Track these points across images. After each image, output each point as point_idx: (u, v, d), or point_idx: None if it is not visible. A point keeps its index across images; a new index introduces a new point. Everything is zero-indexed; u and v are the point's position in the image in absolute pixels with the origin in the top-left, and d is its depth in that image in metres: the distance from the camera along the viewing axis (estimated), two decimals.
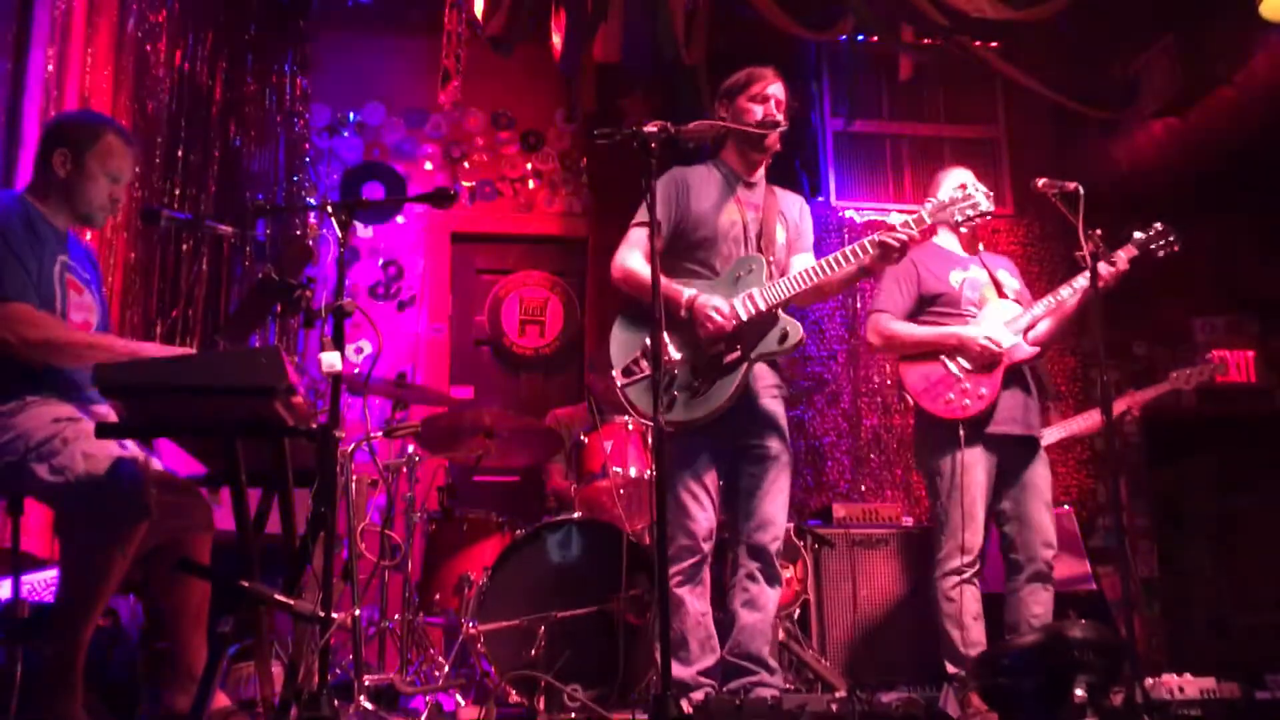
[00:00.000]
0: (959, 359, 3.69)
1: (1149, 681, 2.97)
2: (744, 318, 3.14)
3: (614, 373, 3.15)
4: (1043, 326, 3.77)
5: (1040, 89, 5.46)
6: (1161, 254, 3.68)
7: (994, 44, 5.55)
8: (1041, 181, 3.40)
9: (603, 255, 6.20)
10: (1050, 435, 4.57)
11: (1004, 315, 3.75)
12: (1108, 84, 5.57)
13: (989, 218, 3.40)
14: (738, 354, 3.14)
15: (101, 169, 2.86)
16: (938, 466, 3.67)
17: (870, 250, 3.16)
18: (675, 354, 3.15)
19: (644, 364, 3.14)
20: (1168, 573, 5.81)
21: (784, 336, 3.16)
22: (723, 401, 3.12)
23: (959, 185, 3.42)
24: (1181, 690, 3.08)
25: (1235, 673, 3.21)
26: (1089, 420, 4.77)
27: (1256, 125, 5.31)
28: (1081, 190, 3.32)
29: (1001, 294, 3.82)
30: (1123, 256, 3.61)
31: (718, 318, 3.11)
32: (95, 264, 3.03)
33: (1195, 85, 5.33)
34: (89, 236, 3.69)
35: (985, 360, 3.65)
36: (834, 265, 3.17)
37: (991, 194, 3.41)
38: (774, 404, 3.31)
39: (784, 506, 3.27)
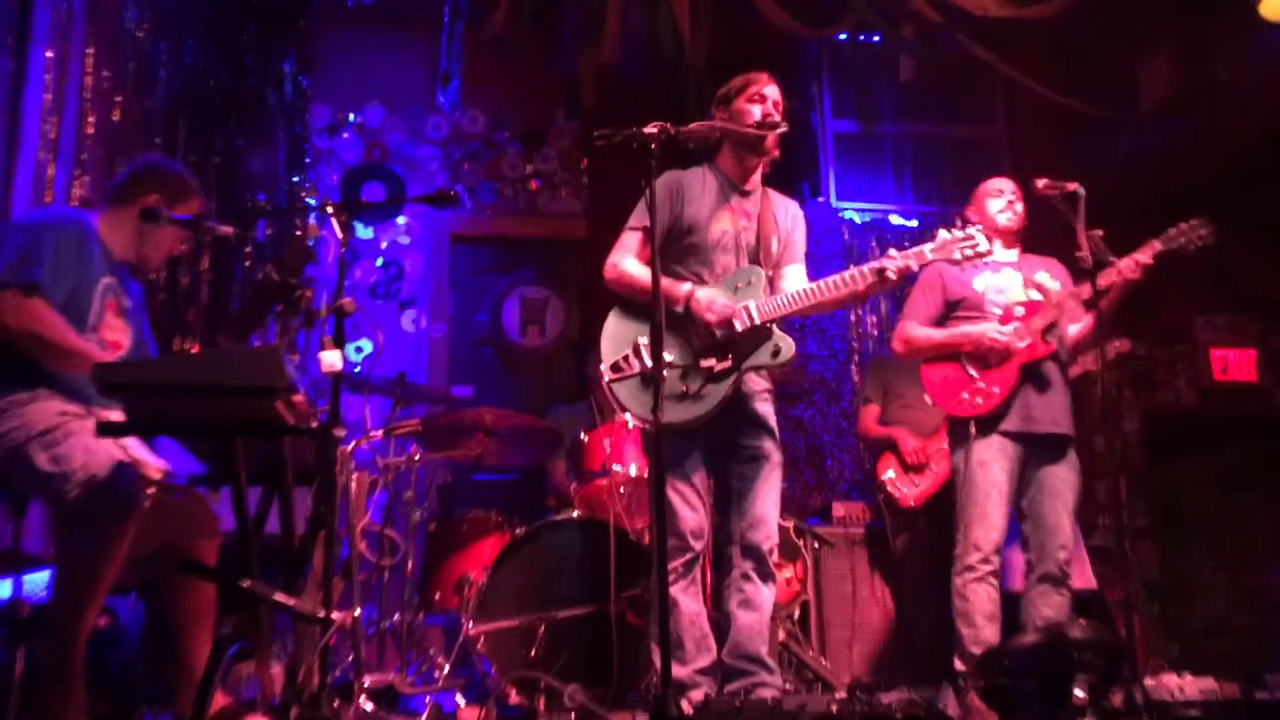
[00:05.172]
0: (973, 360, 3.69)
1: (1149, 681, 2.96)
2: (739, 329, 3.13)
3: (602, 368, 3.15)
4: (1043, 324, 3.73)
5: (1041, 89, 5.46)
6: (1195, 246, 3.53)
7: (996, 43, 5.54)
8: (1042, 182, 3.40)
9: (603, 255, 6.19)
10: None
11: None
12: (1108, 84, 5.57)
13: (989, 257, 3.33)
14: (729, 363, 3.14)
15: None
16: (955, 463, 3.71)
17: (868, 276, 3.14)
18: (666, 357, 3.13)
19: (633, 362, 3.14)
20: (1168, 573, 5.81)
21: (776, 352, 3.15)
22: (711, 408, 3.11)
23: (974, 222, 3.46)
24: (1181, 690, 3.08)
25: (1235, 673, 3.21)
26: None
27: (1256, 125, 5.32)
28: (1082, 191, 3.31)
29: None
30: (1145, 252, 3.54)
31: (718, 308, 3.12)
32: (143, 302, 3.11)
33: (1195, 85, 5.33)
34: None
35: (998, 353, 3.65)
36: (831, 287, 3.15)
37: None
38: (764, 406, 3.30)
39: (776, 505, 3.26)
